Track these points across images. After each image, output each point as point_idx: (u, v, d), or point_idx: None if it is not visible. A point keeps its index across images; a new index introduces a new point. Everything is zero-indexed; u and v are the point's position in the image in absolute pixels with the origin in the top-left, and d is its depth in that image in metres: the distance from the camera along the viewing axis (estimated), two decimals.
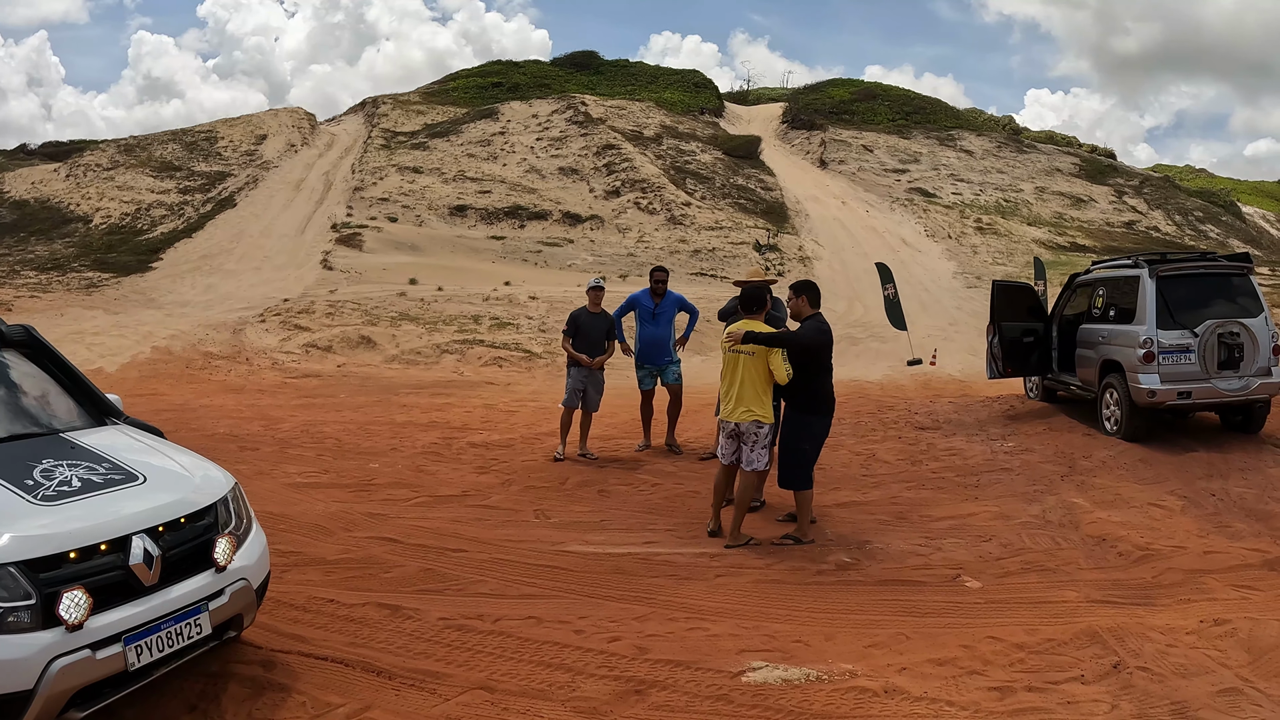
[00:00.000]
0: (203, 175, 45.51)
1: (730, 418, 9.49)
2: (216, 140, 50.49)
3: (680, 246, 37.29)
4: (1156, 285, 13.55)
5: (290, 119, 54.30)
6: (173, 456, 6.53)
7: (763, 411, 9.34)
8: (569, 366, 13.39)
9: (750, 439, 9.41)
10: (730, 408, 9.48)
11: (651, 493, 11.46)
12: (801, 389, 9.48)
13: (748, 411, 9.34)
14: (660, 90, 62.09)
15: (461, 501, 10.84)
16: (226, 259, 35.06)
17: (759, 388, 9.33)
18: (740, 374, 9.37)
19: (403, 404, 17.64)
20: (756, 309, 9.60)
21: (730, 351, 9.50)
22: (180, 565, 5.64)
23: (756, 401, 9.34)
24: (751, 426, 9.36)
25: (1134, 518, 10.36)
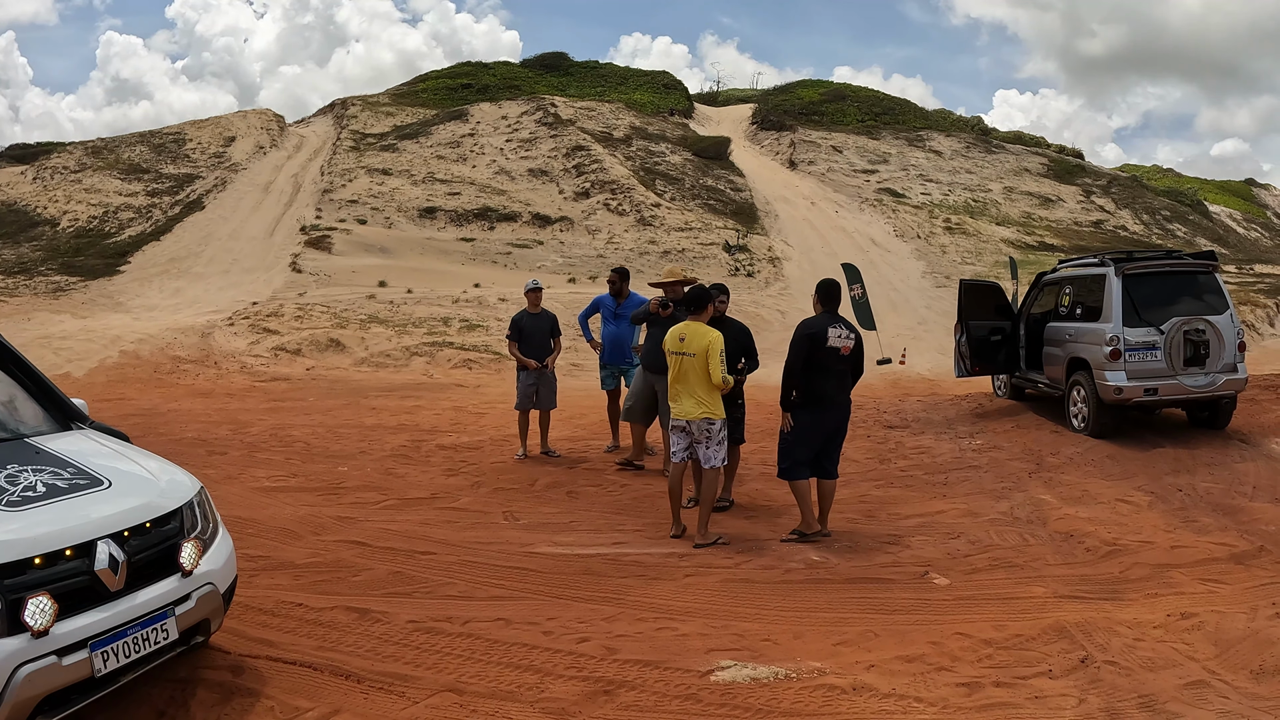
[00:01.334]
0: (171, 178, 45.07)
1: (681, 416, 9.52)
2: (185, 142, 50.04)
3: (650, 247, 37.21)
4: (1122, 283, 13.66)
5: (259, 121, 53.91)
6: (138, 461, 6.47)
7: (711, 409, 9.39)
8: (518, 370, 13.43)
9: (703, 436, 9.45)
10: (679, 407, 9.54)
11: (620, 493, 11.46)
12: (797, 386, 9.55)
13: (697, 409, 9.39)
14: (630, 91, 61.99)
15: (430, 504, 10.80)
16: (195, 262, 34.76)
17: (705, 386, 9.35)
18: (686, 375, 9.42)
19: (372, 407, 17.58)
20: (697, 309, 9.61)
21: (672, 354, 9.55)
22: (146, 570, 5.59)
23: (705, 399, 9.38)
24: (702, 424, 9.41)
25: (1101, 513, 10.43)
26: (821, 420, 9.64)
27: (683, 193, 44.45)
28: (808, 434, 9.64)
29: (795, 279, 34.88)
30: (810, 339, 9.42)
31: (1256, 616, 7.40)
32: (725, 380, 9.24)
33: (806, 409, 9.55)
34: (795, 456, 9.62)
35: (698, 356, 9.27)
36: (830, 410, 9.65)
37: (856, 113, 61.92)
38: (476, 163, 45.66)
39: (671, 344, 9.58)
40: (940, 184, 51.50)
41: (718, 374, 9.17)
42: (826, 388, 9.57)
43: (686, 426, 9.52)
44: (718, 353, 9.21)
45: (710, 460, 9.46)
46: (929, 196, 49.36)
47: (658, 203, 42.12)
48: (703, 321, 9.57)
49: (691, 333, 9.43)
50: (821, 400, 9.57)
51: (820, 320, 9.58)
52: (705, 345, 9.26)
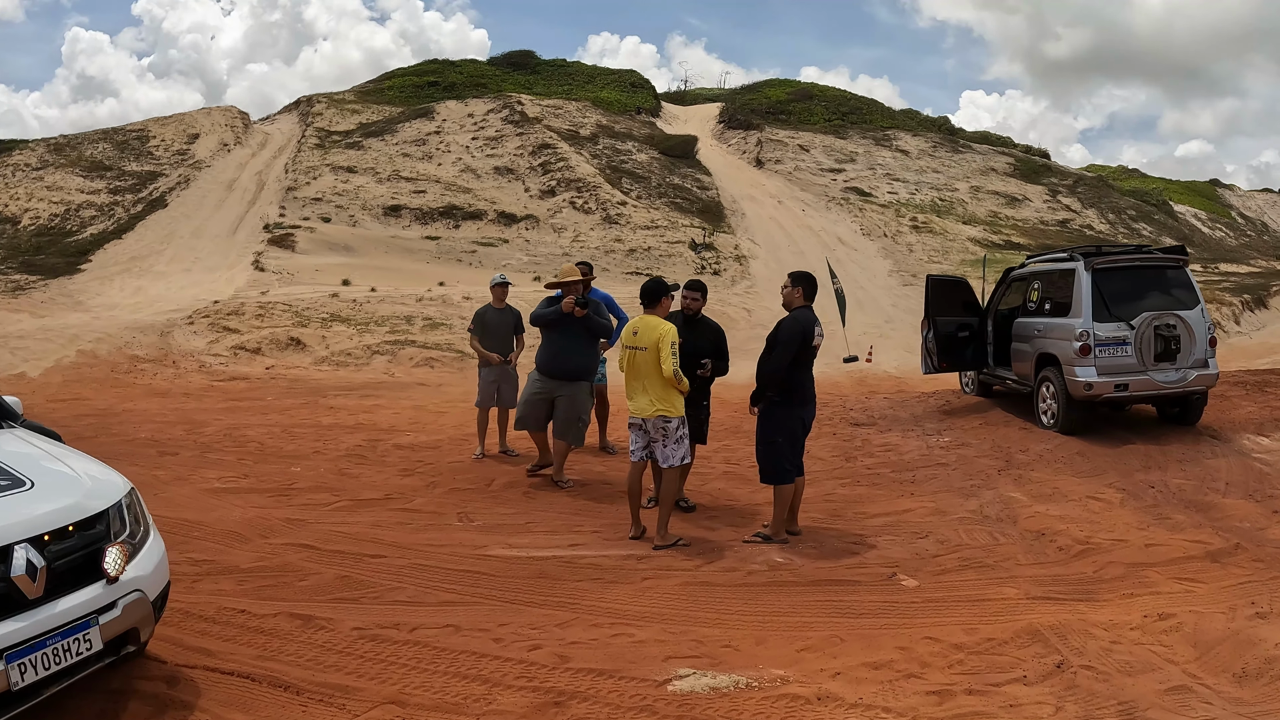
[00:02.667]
0: (134, 175, 44.48)
1: (637, 414, 9.17)
2: (148, 139, 49.40)
3: (616, 246, 36.92)
4: (1092, 278, 13.41)
5: (223, 118, 53.31)
6: (66, 461, 6.09)
7: (667, 406, 9.00)
8: (480, 366, 13.04)
9: (659, 435, 9.10)
10: (634, 404, 9.18)
11: (579, 493, 11.09)
12: (774, 383, 9.18)
13: (651, 406, 9.02)
14: (597, 90, 61.70)
15: (384, 505, 10.39)
16: (156, 260, 34.23)
17: (659, 382, 8.97)
18: (639, 371, 9.07)
19: (330, 406, 17.15)
20: (650, 302, 9.24)
21: (625, 348, 9.20)
22: (68, 576, 5.21)
23: (660, 396, 9.00)
24: (658, 422, 9.05)
25: (1073, 511, 10.16)
26: (804, 417, 9.36)
27: (649, 191, 44.19)
28: (798, 433, 9.36)
29: (762, 277, 34.69)
30: (803, 336, 9.05)
31: (1235, 617, 7.13)
32: (678, 375, 8.84)
33: (793, 407, 9.23)
34: (787, 459, 9.24)
35: (649, 350, 8.94)
36: (809, 406, 9.40)
37: (824, 112, 61.89)
38: (442, 161, 45.29)
39: (625, 338, 9.27)
40: (907, 183, 51.53)
41: (669, 366, 8.78)
42: (808, 384, 9.34)
43: (642, 424, 9.17)
44: (669, 345, 8.82)
45: (669, 460, 9.12)
46: (896, 195, 49.36)
47: (624, 201, 41.85)
48: (658, 315, 9.22)
49: (644, 326, 9.10)
50: (804, 397, 9.29)
51: (809, 316, 9.20)
52: (656, 339, 8.90)
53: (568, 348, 11.32)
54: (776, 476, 9.21)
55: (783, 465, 9.21)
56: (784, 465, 9.21)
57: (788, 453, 9.23)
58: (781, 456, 9.20)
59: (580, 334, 11.34)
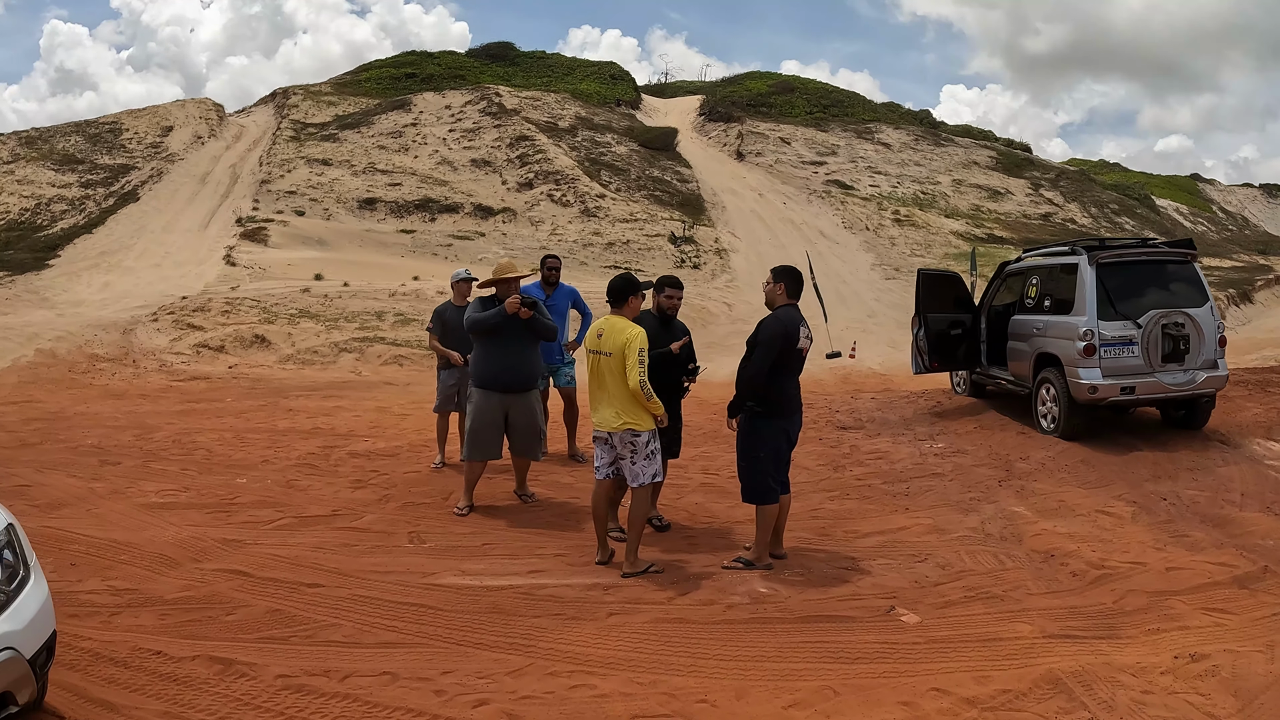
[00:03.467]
0: (106, 168, 43.61)
1: (602, 427, 8.15)
2: (121, 132, 48.54)
3: (594, 239, 36.09)
4: (1096, 273, 12.47)
5: (198, 110, 52.35)
6: None
7: (635, 418, 8.01)
8: (439, 368, 11.99)
9: (627, 450, 8.08)
10: (598, 415, 8.18)
11: (543, 509, 10.09)
12: (754, 391, 8.14)
13: (617, 418, 8.03)
14: (577, 82, 60.84)
15: (330, 523, 9.39)
16: (126, 255, 33.25)
17: (624, 391, 7.98)
18: (603, 378, 8.07)
19: (290, 408, 16.15)
20: (617, 302, 8.19)
21: (590, 353, 8.21)
22: None
23: (627, 407, 8.01)
24: (626, 436, 8.05)
25: (1082, 528, 9.26)
26: (789, 430, 8.34)
27: (628, 184, 43.43)
28: (782, 448, 8.32)
29: (742, 271, 34.03)
30: (786, 337, 8.02)
31: (1276, 657, 6.25)
32: (645, 389, 7.83)
33: (775, 419, 8.20)
34: (771, 476, 8.23)
35: (614, 356, 7.94)
36: (795, 417, 8.38)
37: (805, 105, 61.23)
38: (419, 153, 44.44)
39: (589, 340, 8.26)
40: (889, 176, 51.01)
41: (634, 378, 7.79)
42: (793, 392, 8.33)
43: (608, 438, 8.15)
44: (635, 352, 7.82)
45: (638, 478, 8.10)
46: (878, 189, 48.83)
47: (603, 194, 41.04)
48: (625, 316, 8.18)
49: (610, 328, 8.07)
50: (790, 407, 8.29)
51: (793, 315, 8.14)
52: (623, 343, 7.90)
53: (517, 355, 9.99)
54: (759, 495, 8.21)
55: (766, 483, 8.20)
56: (768, 483, 8.20)
57: (771, 469, 8.22)
58: (764, 474, 8.19)
59: (526, 337, 10.03)
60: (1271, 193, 79.05)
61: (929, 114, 66.76)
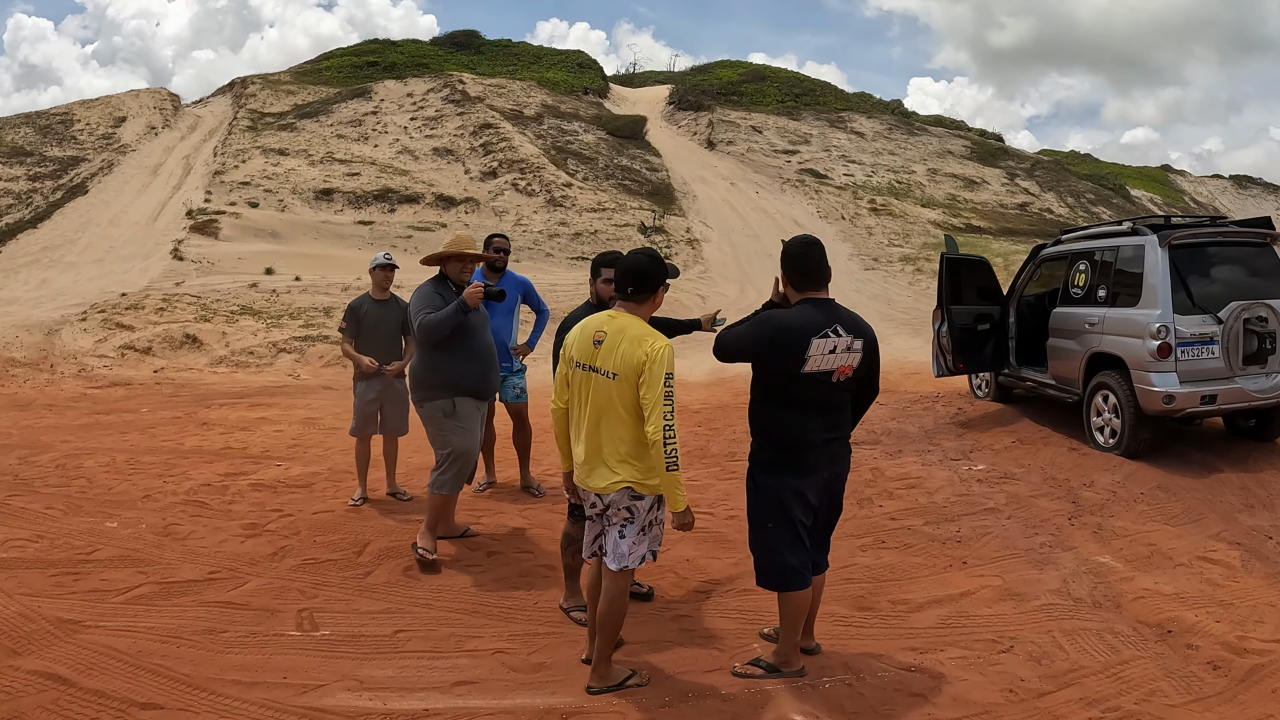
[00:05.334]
0: (55, 161, 40.87)
1: (587, 483, 5.33)
2: (72, 123, 45.78)
3: (560, 229, 33.67)
4: (1169, 256, 10.14)
5: (152, 100, 49.60)
6: None
7: (639, 472, 5.20)
8: (355, 380, 9.52)
9: (620, 516, 5.30)
10: (586, 465, 5.33)
11: (486, 568, 7.52)
12: (756, 425, 5.62)
13: (611, 473, 5.22)
14: (543, 70, 58.29)
15: (200, 592, 6.92)
16: (69, 250, 30.63)
17: (633, 433, 5.18)
18: (600, 409, 5.23)
19: (206, 420, 13.68)
20: (640, 290, 5.30)
21: (580, 369, 5.33)
22: None
23: (629, 455, 5.19)
24: (622, 497, 5.24)
25: (1189, 584, 7.03)
26: (802, 489, 5.44)
27: (596, 173, 41.14)
28: (793, 514, 5.46)
29: (715, 261, 31.85)
30: (775, 345, 5.30)
31: None
32: (668, 440, 4.99)
33: (778, 472, 5.44)
34: (787, 553, 5.49)
35: (622, 379, 5.12)
36: (814, 474, 5.47)
37: (776, 93, 59.03)
38: (379, 142, 41.94)
39: (578, 346, 5.35)
40: (863, 165, 48.99)
41: (656, 420, 4.99)
42: (810, 437, 5.43)
43: (596, 502, 5.40)
44: (660, 379, 5.03)
45: (622, 558, 5.29)
46: (852, 178, 46.80)
47: (569, 183, 38.67)
48: (642, 315, 5.35)
49: (618, 332, 5.20)
50: (802, 459, 5.42)
51: (807, 318, 5.31)
52: (638, 361, 5.08)
53: (491, 350, 7.80)
54: (774, 579, 5.55)
55: (782, 563, 5.48)
56: (784, 563, 5.48)
57: (786, 544, 5.47)
58: (777, 549, 5.49)
59: (488, 325, 7.87)
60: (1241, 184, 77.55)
61: (901, 104, 64.67)
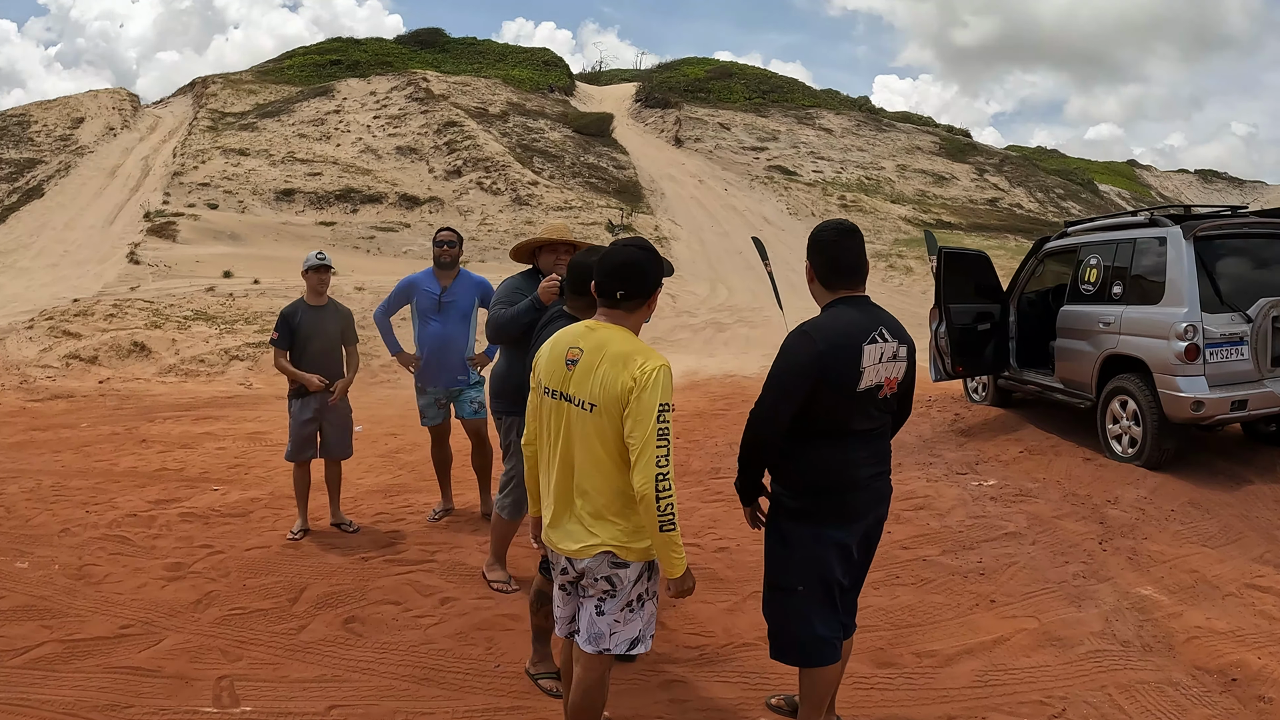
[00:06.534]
0: (11, 163, 39.77)
1: (556, 544, 4.02)
2: (29, 125, 44.54)
3: (526, 229, 32.61)
4: (1195, 249, 9.13)
5: (111, 101, 48.35)
6: None
7: (624, 533, 3.89)
8: (290, 397, 8.22)
9: (598, 588, 3.97)
10: (555, 521, 4.04)
11: (439, 620, 6.33)
12: (780, 462, 4.29)
13: (586, 532, 3.93)
14: (509, 68, 57.28)
15: (110, 652, 5.76)
16: (22, 255, 29.60)
17: (613, 481, 3.88)
18: (570, 448, 3.96)
19: (146, 437, 12.50)
20: (631, 295, 3.96)
21: (550, 397, 4.04)
22: None
23: (609, 510, 3.89)
24: (600, 565, 3.92)
25: (1243, 618, 6.10)
26: (843, 539, 4.24)
27: (562, 171, 40.21)
28: (830, 572, 4.24)
29: (685, 259, 30.99)
30: (819, 367, 4.05)
31: None
32: (662, 491, 3.70)
33: (816, 521, 4.20)
34: (817, 621, 4.26)
35: (603, 411, 3.83)
36: (859, 520, 4.29)
37: (744, 90, 58.34)
38: (341, 141, 40.85)
39: (548, 369, 4.06)
40: (832, 162, 48.40)
41: (647, 466, 3.71)
42: (854, 473, 4.23)
43: (568, 567, 4.06)
44: (653, 410, 3.74)
45: (600, 639, 3.97)
46: (821, 174, 46.22)
47: (535, 181, 37.73)
48: (630, 327, 4.02)
49: (597, 348, 3.90)
50: (846, 502, 4.23)
51: (849, 322, 4.16)
52: (623, 388, 3.78)
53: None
54: (801, 653, 4.31)
55: (810, 633, 4.23)
56: (812, 632, 4.23)
57: (818, 609, 4.24)
58: (805, 618, 4.24)
59: None
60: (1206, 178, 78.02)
61: (868, 100, 64.05)
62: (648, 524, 3.78)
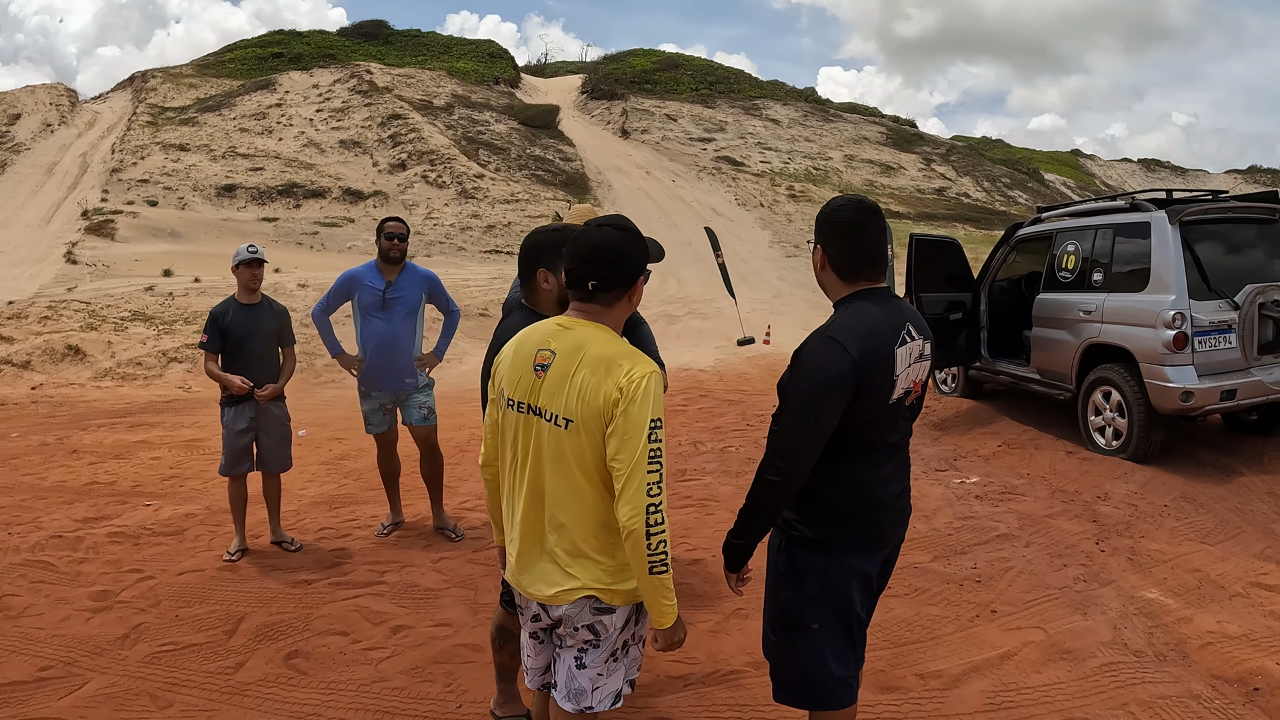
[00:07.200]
0: None
1: (526, 587, 3.41)
2: None
3: (473, 222, 32.05)
4: (1181, 235, 8.81)
5: (48, 96, 46.99)
6: None
7: (605, 573, 3.30)
8: (222, 404, 7.54)
9: (578, 637, 3.37)
10: (522, 560, 3.41)
11: (392, 652, 5.71)
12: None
13: (562, 574, 3.31)
14: (453, 60, 56.46)
15: (27, 701, 5.15)
16: None
17: (593, 514, 3.27)
18: (541, 473, 3.31)
19: (77, 447, 11.77)
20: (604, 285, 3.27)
21: (514, 411, 3.38)
22: None
23: (590, 546, 3.29)
24: (581, 611, 3.33)
25: (1253, 621, 5.79)
26: (865, 569, 3.67)
27: (509, 163, 39.63)
28: (850, 606, 3.67)
29: None
30: (847, 376, 3.36)
31: None
32: (652, 524, 3.11)
33: (839, 553, 3.61)
34: (830, 663, 3.66)
35: (581, 427, 3.19)
36: (891, 539, 3.79)
37: (690, 81, 57.97)
38: (283, 135, 39.98)
39: (512, 377, 3.39)
40: (780, 152, 48.24)
41: (636, 496, 3.11)
42: (878, 486, 3.65)
43: (541, 614, 3.45)
44: (644, 427, 3.12)
45: (581, 697, 3.39)
46: (769, 164, 46.00)
47: (481, 173, 37.11)
48: (610, 324, 3.34)
49: (573, 352, 3.24)
50: (874, 526, 3.67)
51: (876, 319, 3.49)
52: (609, 398, 3.15)
53: None
54: (814, 696, 3.73)
55: (827, 674, 3.66)
56: (830, 673, 3.66)
57: (836, 646, 3.67)
58: (820, 657, 3.65)
59: None
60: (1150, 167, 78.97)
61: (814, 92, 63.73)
62: (634, 564, 3.18)
